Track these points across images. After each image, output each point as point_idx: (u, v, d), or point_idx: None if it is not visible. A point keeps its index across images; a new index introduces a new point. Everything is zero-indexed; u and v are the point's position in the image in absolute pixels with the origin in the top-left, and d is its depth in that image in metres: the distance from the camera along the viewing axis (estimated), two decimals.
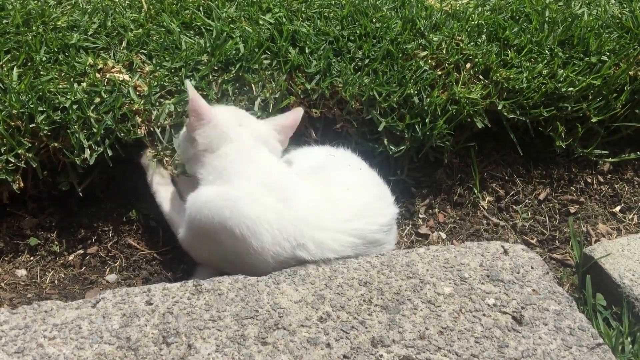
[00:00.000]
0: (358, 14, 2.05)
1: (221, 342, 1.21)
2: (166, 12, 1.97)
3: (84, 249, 1.70)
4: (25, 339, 1.19)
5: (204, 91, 1.72)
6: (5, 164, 1.54)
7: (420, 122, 1.81)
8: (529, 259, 1.48)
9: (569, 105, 1.92)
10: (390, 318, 1.29)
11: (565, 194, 1.99)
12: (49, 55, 1.75)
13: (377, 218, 1.52)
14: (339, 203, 1.51)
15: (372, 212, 1.52)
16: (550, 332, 1.28)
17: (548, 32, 2.07)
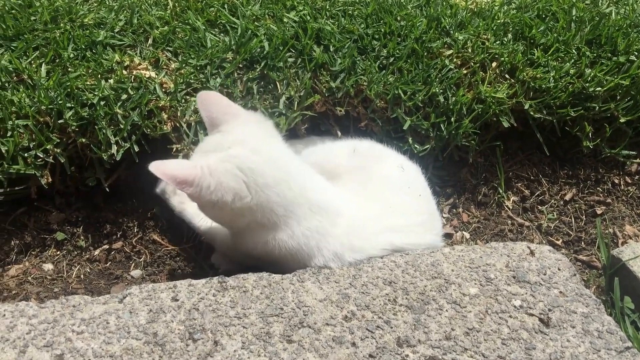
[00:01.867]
0: (382, 12, 2.04)
1: (247, 339, 1.22)
2: (191, 10, 1.98)
3: (109, 244, 1.72)
4: (54, 333, 1.21)
5: (230, 89, 1.72)
6: (34, 159, 1.56)
7: (445, 121, 1.80)
8: (555, 261, 1.46)
9: (596, 105, 1.90)
10: (416, 318, 1.29)
11: (591, 194, 1.96)
12: (76, 52, 1.77)
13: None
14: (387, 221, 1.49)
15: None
16: (578, 334, 1.27)
17: (575, 31, 2.04)
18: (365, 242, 1.45)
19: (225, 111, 1.44)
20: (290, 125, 1.74)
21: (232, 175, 1.33)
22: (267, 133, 1.46)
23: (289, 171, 1.41)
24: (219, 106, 1.44)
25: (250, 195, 1.34)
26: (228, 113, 1.44)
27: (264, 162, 1.37)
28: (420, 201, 1.60)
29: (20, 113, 1.58)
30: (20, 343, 1.19)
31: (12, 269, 1.63)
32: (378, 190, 1.54)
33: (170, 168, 1.30)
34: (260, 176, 1.35)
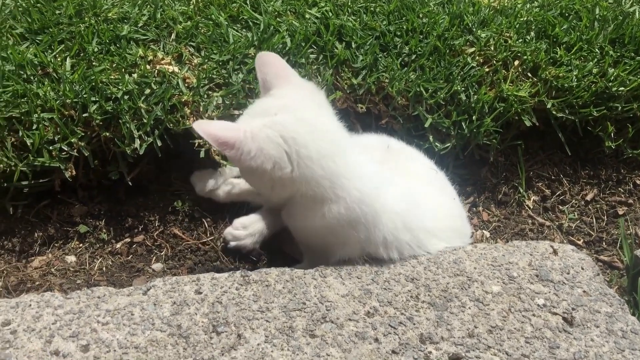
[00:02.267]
0: (405, 9, 2.04)
1: (270, 333, 1.22)
2: (214, 5, 1.99)
3: (131, 237, 1.73)
4: (80, 324, 1.22)
5: (252, 84, 1.73)
6: (58, 152, 1.57)
7: (466, 119, 1.80)
8: (579, 260, 1.46)
9: (619, 105, 1.89)
10: (438, 315, 1.29)
11: (613, 195, 1.95)
12: (100, 46, 1.78)
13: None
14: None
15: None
16: (602, 334, 1.26)
17: (598, 30, 2.03)
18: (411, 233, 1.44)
19: (279, 74, 1.41)
20: None
21: (273, 143, 1.30)
22: (317, 103, 1.42)
23: (334, 145, 1.37)
24: (273, 68, 1.41)
25: (291, 166, 1.31)
26: (281, 77, 1.40)
27: (309, 133, 1.32)
28: (453, 205, 1.61)
29: (46, 106, 1.59)
30: (46, 333, 1.20)
31: (35, 260, 1.64)
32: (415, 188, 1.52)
33: (213, 128, 1.28)
34: (304, 147, 1.31)
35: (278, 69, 1.41)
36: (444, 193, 1.60)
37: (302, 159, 1.31)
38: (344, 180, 1.34)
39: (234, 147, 1.27)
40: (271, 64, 1.41)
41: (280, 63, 1.43)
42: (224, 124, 1.35)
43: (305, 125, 1.33)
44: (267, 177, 1.32)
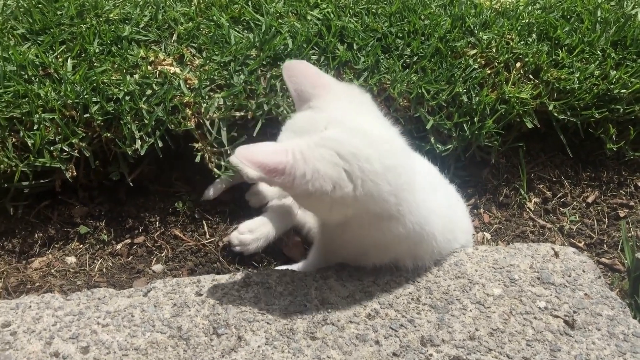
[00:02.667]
0: (406, 11, 2.03)
1: (270, 335, 1.22)
2: (215, 6, 1.98)
3: (131, 238, 1.73)
4: (80, 325, 1.22)
5: (253, 85, 1.73)
6: (59, 152, 1.57)
7: (468, 121, 1.79)
8: (580, 262, 1.45)
9: (621, 107, 1.88)
10: (439, 317, 1.29)
11: (614, 197, 1.95)
12: (102, 47, 1.78)
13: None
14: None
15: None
16: (603, 337, 1.26)
17: (600, 33, 2.02)
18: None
19: (315, 83, 1.27)
20: None
21: (330, 162, 1.15)
22: (365, 109, 1.29)
23: (397, 154, 1.25)
24: (308, 77, 1.28)
25: (353, 184, 1.17)
26: (318, 85, 1.27)
27: (369, 145, 1.18)
28: (461, 205, 1.62)
29: (47, 107, 1.59)
30: (46, 334, 1.20)
31: (35, 261, 1.64)
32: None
33: (258, 155, 1.12)
34: (366, 162, 1.17)
35: (313, 78, 1.29)
36: (452, 194, 1.59)
37: (367, 174, 1.17)
38: (406, 195, 1.24)
39: (284, 173, 1.12)
40: (303, 74, 1.29)
41: (313, 70, 1.31)
42: (267, 147, 1.17)
43: (362, 136, 1.19)
44: (327, 200, 1.17)
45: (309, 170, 1.14)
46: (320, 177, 1.14)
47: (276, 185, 1.18)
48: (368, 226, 1.26)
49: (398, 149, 1.27)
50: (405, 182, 1.24)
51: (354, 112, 1.25)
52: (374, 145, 1.20)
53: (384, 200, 1.20)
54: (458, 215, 1.55)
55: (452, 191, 1.62)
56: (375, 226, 1.26)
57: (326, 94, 1.26)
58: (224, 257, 1.69)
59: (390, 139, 1.26)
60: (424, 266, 1.40)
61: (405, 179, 1.24)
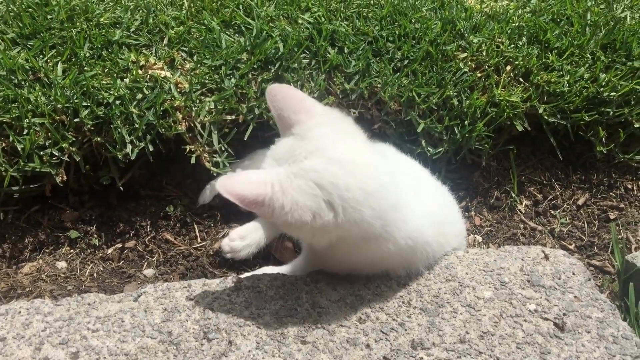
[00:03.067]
0: (397, 15, 2.04)
1: (261, 339, 1.22)
2: (206, 10, 1.98)
3: (122, 242, 1.72)
4: (69, 331, 1.21)
5: (244, 89, 1.73)
6: (49, 157, 1.56)
7: (459, 124, 1.80)
8: (570, 265, 1.46)
9: (610, 110, 1.89)
10: (430, 321, 1.29)
11: (604, 199, 1.96)
12: (92, 51, 1.77)
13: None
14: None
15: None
16: (593, 339, 1.26)
17: (590, 36, 2.04)
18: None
19: (298, 109, 1.26)
20: None
21: (308, 194, 1.16)
22: (347, 135, 1.28)
23: (380, 180, 1.24)
24: (290, 103, 1.27)
25: (333, 212, 1.17)
26: (300, 111, 1.26)
27: (349, 174, 1.19)
28: (456, 209, 1.63)
29: (37, 111, 1.59)
30: (35, 340, 1.19)
31: (25, 266, 1.63)
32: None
33: (237, 187, 1.14)
34: (346, 190, 1.17)
35: (295, 103, 1.27)
36: (445, 196, 1.60)
37: (348, 202, 1.17)
38: (393, 215, 1.25)
39: (264, 205, 1.14)
40: (286, 98, 1.27)
41: (297, 95, 1.30)
42: (248, 177, 1.18)
43: (342, 165, 1.19)
44: (308, 228, 1.18)
45: (288, 202, 1.15)
46: (299, 209, 1.15)
47: (258, 214, 1.20)
48: (356, 247, 1.27)
49: (380, 172, 1.25)
50: (390, 204, 1.24)
51: (335, 138, 1.24)
52: (354, 172, 1.20)
53: (369, 224, 1.21)
54: (450, 218, 1.56)
55: (444, 193, 1.62)
56: (364, 246, 1.27)
57: (308, 119, 1.25)
58: (215, 262, 1.69)
59: (372, 163, 1.25)
60: (417, 272, 1.41)
61: (391, 201, 1.24)
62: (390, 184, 1.26)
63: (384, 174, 1.26)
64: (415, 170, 1.62)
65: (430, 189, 1.57)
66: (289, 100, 1.27)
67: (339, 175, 1.17)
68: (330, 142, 1.22)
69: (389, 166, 1.31)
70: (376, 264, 1.36)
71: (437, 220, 1.43)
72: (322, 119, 1.27)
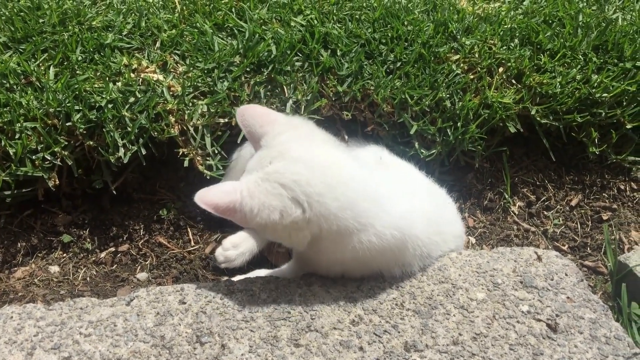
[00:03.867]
0: (390, 17, 2.04)
1: (254, 342, 1.22)
2: (199, 13, 1.98)
3: (115, 246, 1.72)
4: (62, 336, 1.21)
5: (237, 92, 1.73)
6: (41, 161, 1.56)
7: (452, 126, 1.80)
8: (562, 266, 1.46)
9: (602, 111, 1.90)
10: (423, 323, 1.29)
11: (597, 200, 1.96)
12: (84, 54, 1.77)
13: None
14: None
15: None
16: (585, 340, 1.27)
17: (582, 37, 2.04)
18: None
19: (263, 122, 1.36)
20: None
21: (273, 194, 1.24)
22: (307, 137, 1.37)
23: (342, 172, 1.31)
24: (256, 118, 1.37)
25: (301, 208, 1.24)
26: (265, 124, 1.36)
27: (309, 169, 1.26)
28: (453, 211, 1.63)
29: (29, 115, 1.58)
30: (27, 345, 1.19)
31: (18, 271, 1.63)
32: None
33: (211, 197, 1.24)
34: (308, 185, 1.24)
35: (261, 117, 1.37)
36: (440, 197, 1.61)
37: (312, 197, 1.24)
38: (365, 205, 1.29)
39: (236, 211, 1.24)
40: (253, 115, 1.38)
41: (261, 111, 1.40)
42: (222, 188, 1.28)
43: (302, 163, 1.27)
44: (280, 227, 1.25)
45: (255, 205, 1.23)
46: (265, 209, 1.23)
47: (236, 222, 1.27)
48: (335, 244, 1.30)
49: (343, 165, 1.33)
50: (360, 195, 1.29)
51: (296, 141, 1.33)
52: (314, 168, 1.27)
53: (336, 216, 1.26)
54: (446, 218, 1.56)
55: (441, 194, 1.63)
56: (343, 242, 1.29)
57: (272, 130, 1.35)
58: (209, 265, 1.68)
59: (332, 158, 1.33)
60: (413, 272, 1.42)
61: (360, 192, 1.29)
62: (358, 176, 1.32)
63: (348, 167, 1.33)
64: (409, 171, 1.63)
65: (424, 188, 1.58)
66: (255, 117, 1.38)
67: (299, 172, 1.25)
68: (290, 145, 1.31)
69: (355, 161, 1.38)
70: (366, 262, 1.36)
71: (431, 217, 1.44)
72: (284, 127, 1.36)
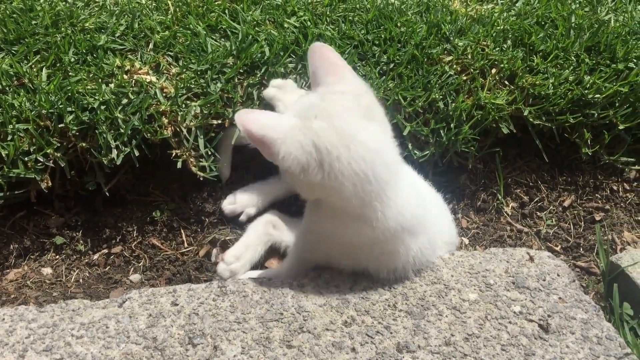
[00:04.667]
0: (383, 18, 2.05)
1: (247, 344, 1.22)
2: (192, 15, 1.98)
3: (108, 248, 1.72)
4: (54, 338, 1.21)
5: (230, 94, 1.73)
6: (34, 163, 1.56)
7: (445, 127, 1.80)
8: (555, 267, 1.47)
9: (595, 112, 1.90)
10: (415, 323, 1.29)
11: (590, 201, 1.97)
12: (77, 56, 1.77)
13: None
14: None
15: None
16: (577, 341, 1.27)
17: (574, 38, 2.05)
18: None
19: (328, 71, 1.32)
20: None
21: (304, 150, 1.23)
22: (363, 110, 1.30)
23: (371, 162, 1.26)
24: (324, 62, 1.33)
25: (322, 174, 1.24)
26: (331, 73, 1.32)
27: (343, 146, 1.23)
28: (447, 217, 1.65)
29: (21, 117, 1.58)
30: (19, 347, 1.19)
31: (10, 272, 1.63)
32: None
33: (251, 123, 1.23)
34: (337, 160, 1.23)
35: (330, 64, 1.33)
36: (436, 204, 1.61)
37: (334, 171, 1.23)
38: (374, 203, 1.28)
39: (265, 145, 1.23)
40: (323, 58, 1.33)
41: (334, 57, 1.34)
42: (264, 118, 1.27)
43: (342, 137, 1.24)
44: (297, 179, 1.26)
45: (284, 151, 1.23)
46: (291, 159, 1.23)
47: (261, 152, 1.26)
48: (340, 224, 1.32)
49: (377, 158, 1.27)
50: (374, 191, 1.27)
51: (349, 110, 1.28)
52: (349, 147, 1.24)
53: (345, 199, 1.26)
54: (440, 227, 1.56)
55: (436, 201, 1.63)
56: (346, 225, 1.32)
57: (335, 83, 1.31)
58: (202, 266, 1.68)
59: (372, 147, 1.27)
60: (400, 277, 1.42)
61: (375, 189, 1.27)
62: (384, 173, 1.28)
63: (381, 162, 1.28)
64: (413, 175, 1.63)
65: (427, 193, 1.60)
66: (324, 60, 1.33)
67: (335, 143, 1.23)
68: (343, 111, 1.27)
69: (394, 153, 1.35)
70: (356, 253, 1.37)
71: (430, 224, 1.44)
72: (345, 87, 1.31)
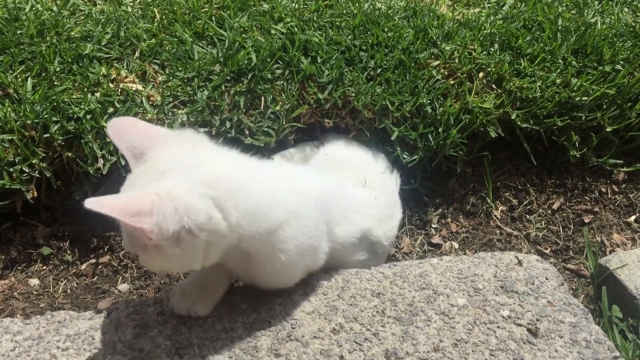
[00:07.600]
0: (370, 24, 2.05)
1: (234, 353, 1.21)
2: (179, 22, 1.98)
3: (96, 258, 1.71)
4: (39, 350, 1.20)
5: (217, 101, 1.72)
6: (19, 173, 1.55)
7: (433, 132, 1.80)
8: (543, 270, 1.46)
9: (583, 114, 1.91)
10: (404, 330, 1.29)
11: (579, 203, 1.97)
12: (62, 65, 1.76)
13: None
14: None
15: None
16: (566, 344, 1.27)
17: (561, 41, 2.06)
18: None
19: (149, 135, 1.20)
20: (279, 137, 1.74)
21: (197, 194, 1.10)
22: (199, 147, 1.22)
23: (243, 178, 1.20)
24: (139, 132, 1.20)
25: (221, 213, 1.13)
26: (152, 136, 1.19)
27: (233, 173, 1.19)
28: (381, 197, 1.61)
29: (6, 127, 1.57)
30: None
31: None
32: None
33: (116, 201, 1.06)
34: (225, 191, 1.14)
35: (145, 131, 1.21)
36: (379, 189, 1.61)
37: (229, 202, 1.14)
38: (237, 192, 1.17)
39: (152, 214, 1.04)
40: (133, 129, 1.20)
41: (143, 124, 1.23)
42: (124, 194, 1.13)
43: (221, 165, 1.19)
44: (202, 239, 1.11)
45: (181, 205, 1.07)
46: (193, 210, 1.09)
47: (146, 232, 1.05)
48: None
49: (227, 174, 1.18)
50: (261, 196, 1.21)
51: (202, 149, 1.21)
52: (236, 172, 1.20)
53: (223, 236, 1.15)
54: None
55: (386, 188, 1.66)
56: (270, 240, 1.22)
57: (162, 143, 1.18)
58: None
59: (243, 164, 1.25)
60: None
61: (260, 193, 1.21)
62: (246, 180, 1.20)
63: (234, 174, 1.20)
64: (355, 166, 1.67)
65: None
66: (137, 129, 1.21)
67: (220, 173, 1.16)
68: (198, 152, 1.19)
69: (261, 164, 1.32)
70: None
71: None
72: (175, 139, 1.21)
